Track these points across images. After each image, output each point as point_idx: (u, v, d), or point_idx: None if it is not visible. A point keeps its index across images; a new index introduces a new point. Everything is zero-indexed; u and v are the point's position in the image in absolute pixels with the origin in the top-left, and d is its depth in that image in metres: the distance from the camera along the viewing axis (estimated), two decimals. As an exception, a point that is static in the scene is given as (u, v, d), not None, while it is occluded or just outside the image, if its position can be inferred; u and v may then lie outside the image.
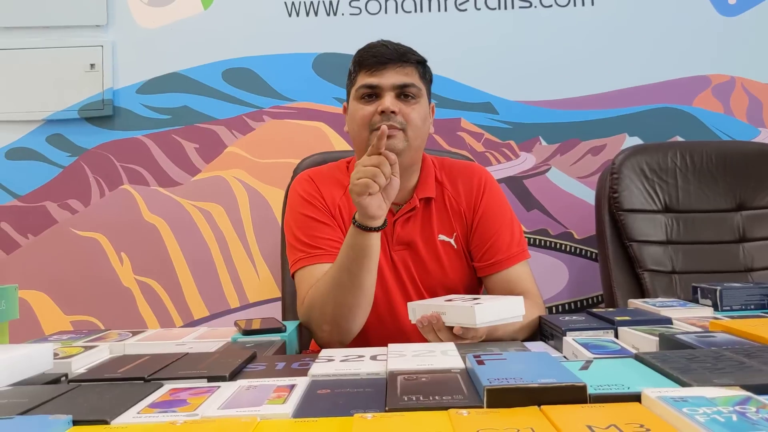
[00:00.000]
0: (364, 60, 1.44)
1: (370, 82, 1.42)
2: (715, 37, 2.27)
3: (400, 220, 1.48)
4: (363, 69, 1.44)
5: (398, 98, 1.42)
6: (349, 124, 1.49)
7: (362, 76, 1.44)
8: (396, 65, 1.42)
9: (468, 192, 1.53)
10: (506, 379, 0.72)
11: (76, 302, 2.27)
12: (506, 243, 1.49)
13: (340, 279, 1.31)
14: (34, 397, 0.77)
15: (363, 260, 1.29)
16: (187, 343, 1.17)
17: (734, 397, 0.65)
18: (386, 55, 1.42)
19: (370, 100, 1.43)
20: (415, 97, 1.44)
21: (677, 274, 1.94)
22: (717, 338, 0.97)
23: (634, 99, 2.27)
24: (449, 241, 1.50)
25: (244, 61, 2.28)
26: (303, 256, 1.44)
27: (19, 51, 2.26)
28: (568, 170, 2.28)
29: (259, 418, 0.68)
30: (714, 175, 2.02)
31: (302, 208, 1.48)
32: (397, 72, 1.42)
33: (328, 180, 1.53)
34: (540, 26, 2.28)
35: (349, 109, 1.49)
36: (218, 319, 2.26)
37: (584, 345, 1.02)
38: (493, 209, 1.52)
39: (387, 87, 1.41)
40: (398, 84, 1.41)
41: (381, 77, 1.41)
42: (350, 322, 1.35)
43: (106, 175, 2.28)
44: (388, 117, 1.39)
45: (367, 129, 1.41)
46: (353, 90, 1.47)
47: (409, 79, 1.43)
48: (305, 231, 1.45)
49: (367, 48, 1.46)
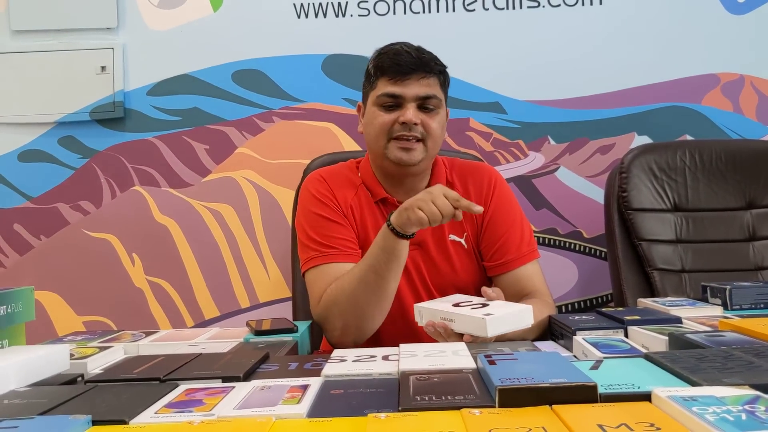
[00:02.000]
0: (387, 67, 1.42)
1: (393, 91, 1.41)
2: (724, 36, 2.26)
3: None
4: (385, 75, 1.42)
5: (419, 108, 1.41)
6: (366, 128, 1.48)
7: (384, 83, 1.42)
8: (419, 75, 1.41)
9: (478, 192, 1.53)
10: (518, 379, 0.73)
11: (88, 303, 2.29)
12: (516, 243, 1.50)
13: (367, 279, 1.31)
14: (52, 398, 0.78)
15: (392, 264, 1.30)
16: (199, 344, 1.18)
17: (743, 396, 0.66)
18: (410, 65, 1.40)
19: (390, 109, 1.42)
20: (435, 108, 1.44)
21: (687, 273, 1.94)
22: (726, 337, 0.98)
23: (642, 98, 2.27)
24: (460, 241, 1.50)
25: (253, 62, 2.29)
26: (316, 254, 1.44)
27: (30, 54, 2.28)
28: (576, 169, 2.28)
29: (274, 418, 0.70)
30: (723, 173, 2.02)
31: (315, 207, 1.48)
32: (420, 83, 1.41)
33: (340, 180, 1.53)
34: (548, 26, 2.28)
35: (367, 113, 1.48)
36: (229, 319, 2.27)
37: (594, 344, 1.02)
38: (503, 209, 1.53)
39: (410, 98, 1.40)
40: (421, 95, 1.41)
41: (404, 87, 1.40)
42: (368, 323, 1.36)
43: (118, 176, 2.30)
44: (409, 128, 1.40)
45: (386, 137, 1.42)
46: (373, 95, 1.45)
47: (431, 91, 1.42)
48: (318, 230, 1.46)
49: (389, 53, 1.43)
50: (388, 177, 1.50)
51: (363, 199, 1.51)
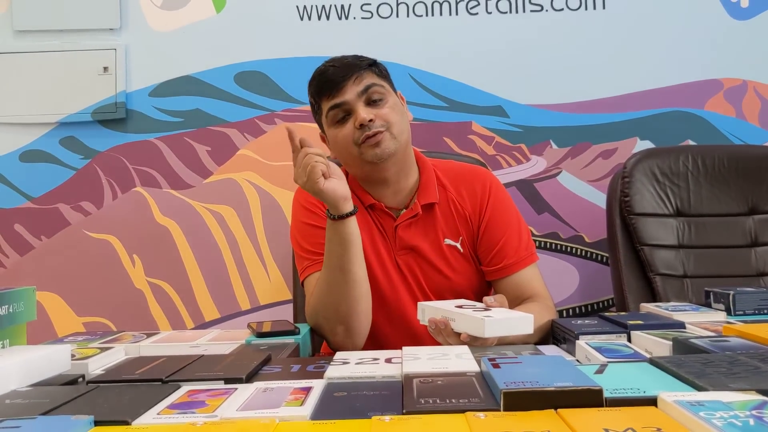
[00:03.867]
0: (321, 87, 1.43)
1: (334, 102, 1.41)
2: (727, 41, 2.26)
3: (402, 225, 1.48)
4: (322, 96, 1.43)
5: (368, 105, 1.41)
6: (335, 150, 1.49)
7: (325, 102, 1.43)
8: (351, 79, 1.41)
9: (472, 196, 1.52)
10: (522, 383, 0.72)
11: (88, 304, 2.28)
12: (514, 247, 1.49)
13: (333, 277, 1.32)
14: (54, 398, 0.78)
15: (349, 250, 1.30)
16: (201, 345, 1.18)
17: (751, 402, 0.65)
18: (339, 74, 1.41)
19: (344, 121, 1.42)
20: (382, 97, 1.43)
21: (689, 278, 1.93)
22: (731, 343, 0.97)
23: (645, 102, 2.27)
24: (455, 245, 1.50)
25: (256, 64, 2.29)
26: (309, 264, 1.45)
27: (33, 54, 2.28)
28: (578, 174, 2.28)
29: (277, 420, 0.69)
30: (726, 178, 2.02)
31: (304, 217, 1.49)
32: (355, 83, 1.41)
33: None
34: (551, 30, 2.28)
35: (328, 137, 1.49)
36: (229, 321, 2.27)
37: (597, 349, 1.02)
38: (499, 213, 1.52)
39: (353, 99, 1.40)
40: (361, 90, 1.41)
41: (341, 96, 1.41)
42: (355, 320, 1.35)
43: (119, 177, 2.30)
44: (369, 127, 1.39)
45: (354, 145, 1.42)
46: (323, 119, 1.46)
47: (366, 82, 1.42)
48: (309, 239, 1.46)
49: (317, 76, 1.45)
50: (372, 182, 1.50)
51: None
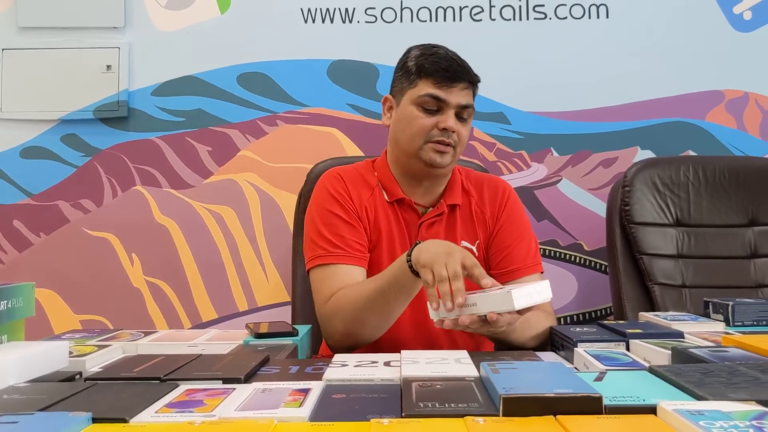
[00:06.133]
0: (433, 69, 1.42)
1: (438, 95, 1.41)
2: (730, 52, 2.27)
3: (425, 223, 1.50)
4: (429, 77, 1.42)
5: (456, 116, 1.44)
6: (400, 125, 1.48)
7: (427, 85, 1.42)
8: (463, 84, 1.43)
9: (492, 200, 1.56)
10: (522, 388, 0.72)
11: (86, 301, 2.28)
12: (523, 254, 1.51)
13: (375, 301, 1.30)
14: (52, 394, 0.77)
15: (404, 296, 1.29)
16: (199, 345, 1.17)
17: (751, 412, 0.65)
18: (457, 72, 1.42)
19: (430, 111, 1.43)
20: (468, 118, 1.47)
21: (687, 288, 1.93)
22: (730, 353, 0.97)
23: (647, 112, 2.27)
24: (471, 248, 1.51)
25: (259, 65, 2.29)
26: (323, 253, 1.43)
27: (36, 51, 2.28)
28: (579, 182, 2.28)
29: (276, 421, 0.69)
30: (726, 190, 2.02)
31: (330, 204, 1.48)
32: (462, 92, 1.43)
33: (357, 180, 1.53)
34: (554, 38, 2.28)
35: (401, 110, 1.47)
36: (227, 321, 2.27)
37: (596, 356, 1.02)
38: (513, 220, 1.55)
39: (452, 105, 1.42)
40: (462, 104, 1.43)
41: (448, 93, 1.41)
42: (369, 335, 1.36)
43: (119, 175, 2.30)
44: (447, 134, 1.42)
45: (423, 139, 1.43)
46: (413, 93, 1.44)
47: (470, 101, 1.45)
48: (330, 228, 1.45)
49: (434, 56, 1.44)
50: (408, 177, 1.51)
51: (378, 200, 1.51)
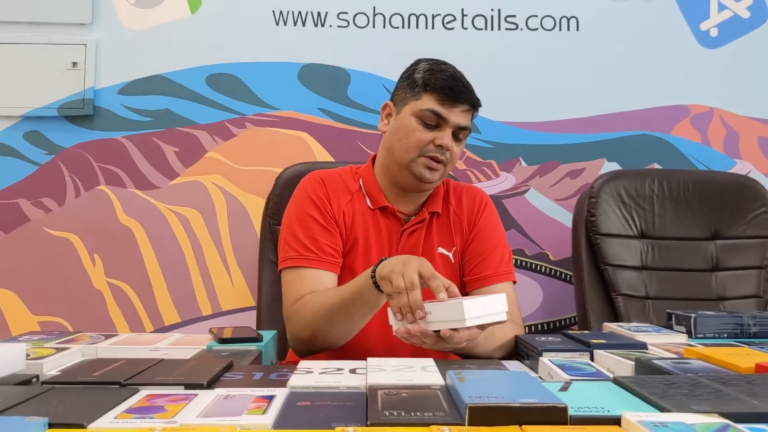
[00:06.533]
0: (440, 86, 1.44)
1: (440, 112, 1.43)
2: (696, 68, 2.31)
3: (407, 230, 1.51)
4: (435, 93, 1.44)
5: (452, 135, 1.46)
6: (396, 134, 1.49)
7: (430, 100, 1.44)
8: (464, 106, 1.45)
9: (470, 207, 1.58)
10: (488, 397, 0.72)
11: (44, 302, 2.23)
12: (496, 262, 1.53)
13: (337, 313, 1.31)
14: (7, 398, 0.75)
15: (367, 309, 1.31)
16: (161, 349, 1.15)
17: (713, 424, 0.66)
18: (462, 93, 1.44)
19: (429, 127, 1.44)
20: (463, 139, 1.50)
21: (650, 299, 1.96)
22: (692, 365, 0.98)
23: (614, 125, 2.30)
24: (447, 255, 1.53)
25: (228, 66, 2.27)
26: (295, 255, 1.44)
27: (0, 45, 2.23)
28: (546, 192, 2.29)
29: (238, 428, 0.68)
30: (690, 203, 2.05)
31: (307, 207, 1.49)
32: (462, 113, 1.45)
33: (338, 184, 1.54)
34: (525, 48, 2.30)
35: (400, 119, 1.48)
36: (190, 325, 2.23)
37: (560, 366, 1.02)
38: (488, 228, 1.57)
39: (451, 124, 1.44)
40: (461, 126, 1.45)
41: (450, 113, 1.44)
42: (330, 345, 1.37)
43: (83, 174, 2.25)
44: (441, 151, 1.44)
45: (417, 153, 1.45)
46: (415, 106, 1.46)
47: (468, 123, 1.47)
48: (305, 230, 1.46)
49: (442, 73, 1.46)
50: (394, 186, 1.53)
51: (357, 207, 1.52)
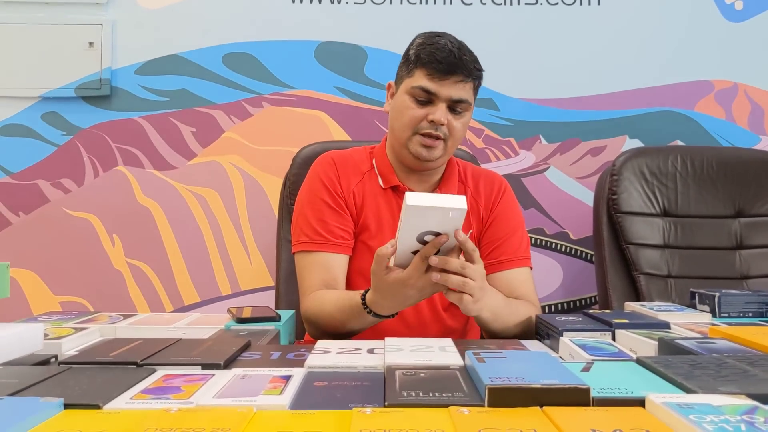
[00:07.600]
0: (428, 60, 1.39)
1: (428, 87, 1.39)
2: (720, 43, 2.26)
3: None
4: (424, 68, 1.40)
5: (448, 109, 1.41)
6: (394, 113, 1.47)
7: (420, 76, 1.40)
8: (457, 78, 1.39)
9: (488, 193, 1.56)
10: (508, 379, 0.71)
11: (65, 283, 2.24)
12: (514, 247, 1.51)
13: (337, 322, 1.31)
14: (24, 378, 0.75)
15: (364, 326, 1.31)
16: (179, 329, 1.15)
17: (741, 406, 0.64)
18: (451, 66, 1.38)
19: (421, 103, 1.41)
20: (463, 112, 1.44)
21: (672, 278, 1.93)
22: (717, 345, 0.96)
23: (636, 101, 2.26)
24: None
25: (245, 46, 2.25)
26: (306, 239, 1.45)
27: (17, 26, 2.22)
28: (567, 170, 2.26)
29: (255, 409, 0.67)
30: (714, 180, 2.01)
31: (318, 189, 1.49)
32: (456, 86, 1.39)
33: (349, 166, 1.53)
34: (545, 24, 2.26)
35: (397, 98, 1.47)
36: (209, 305, 2.24)
37: (582, 346, 1.00)
38: (507, 213, 1.55)
39: (443, 98, 1.40)
40: (454, 98, 1.40)
41: (440, 86, 1.39)
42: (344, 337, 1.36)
43: (101, 155, 2.25)
44: (436, 127, 1.40)
45: (412, 130, 1.42)
46: (408, 83, 1.43)
47: (464, 95, 1.41)
48: (315, 213, 1.47)
49: (433, 46, 1.40)
50: (402, 166, 1.52)
51: (368, 186, 1.51)
